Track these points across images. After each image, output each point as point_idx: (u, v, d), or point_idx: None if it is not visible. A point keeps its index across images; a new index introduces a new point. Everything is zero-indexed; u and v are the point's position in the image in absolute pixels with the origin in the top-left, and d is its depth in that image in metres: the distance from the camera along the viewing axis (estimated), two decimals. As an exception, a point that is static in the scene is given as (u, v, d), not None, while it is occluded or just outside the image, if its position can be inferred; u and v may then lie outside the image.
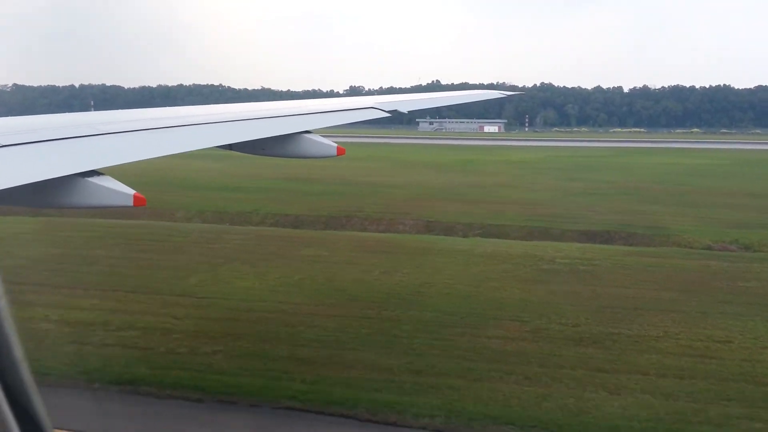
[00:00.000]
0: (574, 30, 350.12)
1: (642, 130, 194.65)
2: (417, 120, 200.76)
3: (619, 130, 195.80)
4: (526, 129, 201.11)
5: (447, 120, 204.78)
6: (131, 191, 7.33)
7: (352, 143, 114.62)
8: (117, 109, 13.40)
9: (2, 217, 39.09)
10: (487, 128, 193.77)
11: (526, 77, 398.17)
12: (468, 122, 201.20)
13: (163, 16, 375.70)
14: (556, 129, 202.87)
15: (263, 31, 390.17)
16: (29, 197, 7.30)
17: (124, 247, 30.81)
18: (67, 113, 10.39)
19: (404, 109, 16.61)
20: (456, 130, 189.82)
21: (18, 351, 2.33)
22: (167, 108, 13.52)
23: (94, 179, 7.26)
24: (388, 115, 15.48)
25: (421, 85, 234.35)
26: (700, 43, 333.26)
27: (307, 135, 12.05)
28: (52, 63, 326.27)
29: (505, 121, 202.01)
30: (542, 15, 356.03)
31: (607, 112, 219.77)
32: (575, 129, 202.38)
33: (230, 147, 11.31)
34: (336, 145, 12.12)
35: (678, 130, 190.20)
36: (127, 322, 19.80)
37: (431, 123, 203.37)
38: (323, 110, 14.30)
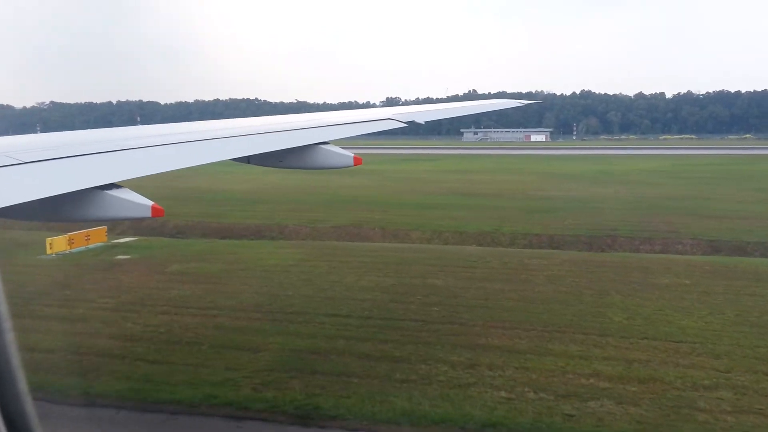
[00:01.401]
0: (612, 36, 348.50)
1: (692, 136, 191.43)
2: (461, 130, 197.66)
3: (669, 137, 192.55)
4: (574, 137, 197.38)
5: (491, 130, 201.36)
6: (149, 202, 7.29)
7: (443, 155, 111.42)
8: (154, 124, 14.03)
9: (228, 242, 35.11)
10: (534, 137, 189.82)
11: (565, 85, 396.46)
12: (513, 131, 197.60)
13: (199, 33, 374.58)
14: (603, 137, 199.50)
15: (299, 45, 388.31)
16: (49, 211, 7.34)
17: (448, 276, 26.57)
18: (95, 129, 11.22)
19: (421, 120, 16.94)
20: (502, 140, 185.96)
21: (15, 359, 2.15)
22: (189, 123, 14.15)
23: (113, 192, 7.26)
24: (404, 125, 15.93)
25: (457, 95, 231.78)
26: (747, 44, 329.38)
27: (323, 146, 12.11)
28: (89, 80, 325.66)
29: (551, 129, 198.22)
30: (579, 22, 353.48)
31: (650, 119, 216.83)
32: (622, 137, 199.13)
33: (248, 160, 11.37)
34: (352, 155, 12.05)
35: (730, 137, 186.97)
36: (686, 382, 15.65)
37: (475, 133, 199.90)
38: (341, 122, 14.58)
